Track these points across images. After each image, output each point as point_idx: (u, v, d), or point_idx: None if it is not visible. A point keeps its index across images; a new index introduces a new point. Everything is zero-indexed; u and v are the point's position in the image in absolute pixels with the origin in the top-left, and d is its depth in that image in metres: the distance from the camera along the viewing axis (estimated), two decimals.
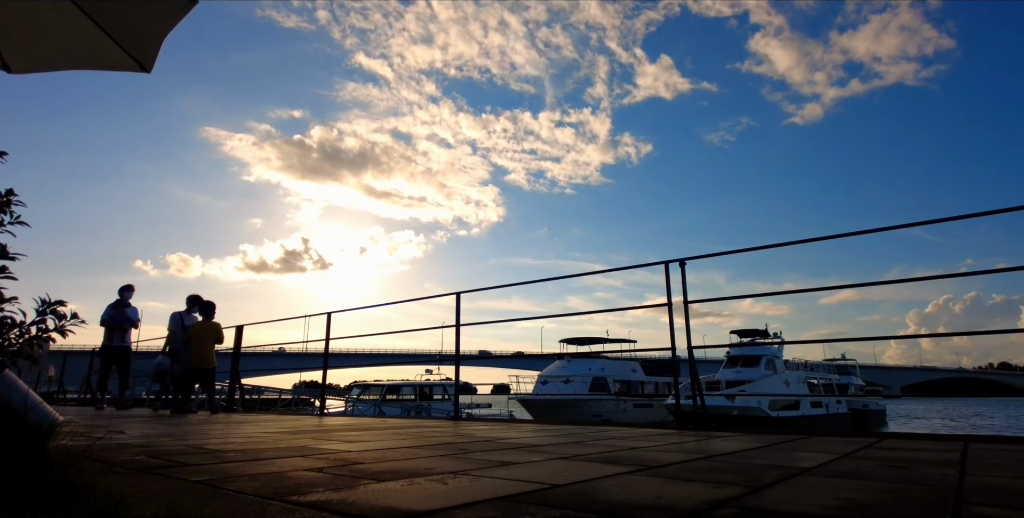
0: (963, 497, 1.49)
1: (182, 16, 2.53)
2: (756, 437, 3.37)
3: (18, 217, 1.72)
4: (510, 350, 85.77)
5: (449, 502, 1.40)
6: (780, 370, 26.72)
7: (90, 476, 1.40)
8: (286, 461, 2.23)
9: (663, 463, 2.20)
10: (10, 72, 2.73)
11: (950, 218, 3.82)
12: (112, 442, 2.97)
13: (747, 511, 1.31)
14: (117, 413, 7.31)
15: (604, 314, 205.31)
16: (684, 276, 4.47)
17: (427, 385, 25.35)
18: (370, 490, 1.57)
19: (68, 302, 1.77)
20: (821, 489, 1.61)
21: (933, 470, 1.98)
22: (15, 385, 1.98)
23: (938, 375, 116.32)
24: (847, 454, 2.47)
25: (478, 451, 2.64)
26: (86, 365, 13.17)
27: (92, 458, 1.72)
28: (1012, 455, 2.44)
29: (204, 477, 1.79)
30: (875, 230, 4.11)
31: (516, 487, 1.63)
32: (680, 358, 4.49)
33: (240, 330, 8.76)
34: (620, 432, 3.88)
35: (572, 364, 30.25)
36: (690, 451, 2.65)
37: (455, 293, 5.94)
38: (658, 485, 1.68)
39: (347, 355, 75.55)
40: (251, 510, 1.31)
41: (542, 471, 1.97)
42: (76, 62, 2.82)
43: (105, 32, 2.62)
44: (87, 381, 12.91)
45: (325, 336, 7.34)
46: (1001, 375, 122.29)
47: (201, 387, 7.93)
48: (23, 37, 2.68)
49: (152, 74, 2.81)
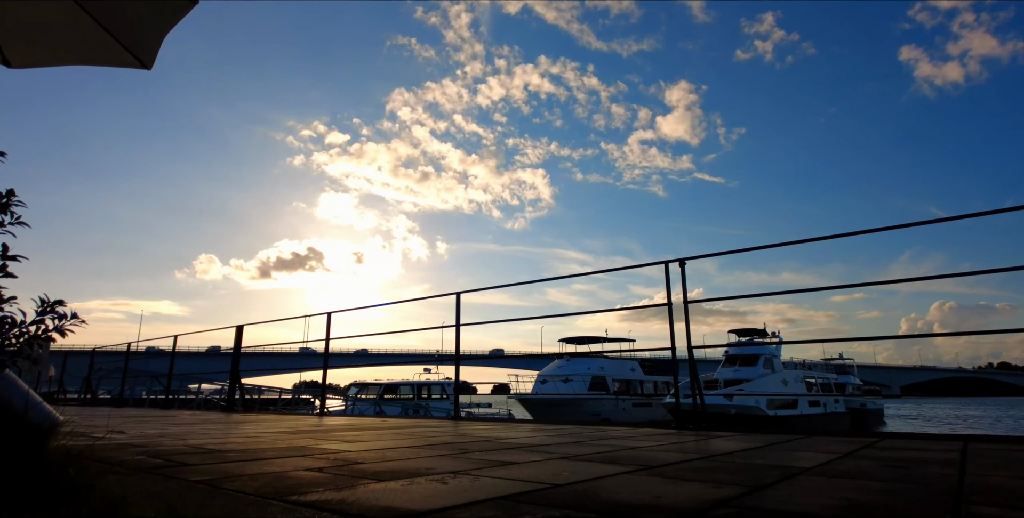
0: (963, 497, 1.49)
1: (182, 15, 2.54)
2: (756, 437, 3.38)
3: (18, 217, 1.72)
4: (510, 350, 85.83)
5: (449, 502, 1.40)
6: (778, 369, 26.77)
7: (90, 476, 1.40)
8: (286, 461, 2.23)
9: (663, 463, 2.20)
10: (10, 67, 2.74)
11: (949, 218, 3.83)
12: (112, 442, 2.97)
13: (747, 511, 1.31)
14: (114, 412, 7.31)
15: (598, 309, 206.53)
16: (684, 276, 4.47)
17: (425, 384, 25.35)
18: (370, 490, 1.57)
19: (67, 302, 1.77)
20: (821, 489, 1.61)
21: (933, 470, 1.98)
22: (15, 385, 1.98)
23: (938, 375, 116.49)
24: (847, 454, 2.47)
25: (478, 451, 2.64)
26: (86, 365, 13.18)
27: (92, 458, 1.72)
28: (1012, 455, 2.44)
29: (204, 477, 1.79)
30: (875, 230, 4.11)
31: (516, 487, 1.63)
32: (680, 358, 4.49)
33: (240, 330, 8.76)
34: (620, 432, 3.88)
35: (571, 363, 30.27)
36: (690, 451, 2.65)
37: (455, 293, 5.94)
38: (658, 485, 1.68)
39: (347, 355, 75.62)
40: (251, 510, 1.31)
41: (542, 471, 1.97)
42: (76, 58, 2.83)
43: (104, 28, 2.63)
44: (87, 381, 12.92)
45: (325, 336, 7.34)
46: (1001, 375, 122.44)
47: None
48: (23, 32, 2.68)
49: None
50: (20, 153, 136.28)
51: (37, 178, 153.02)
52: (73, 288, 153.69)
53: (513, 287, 6.55)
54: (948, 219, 3.81)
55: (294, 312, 37.41)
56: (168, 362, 10.50)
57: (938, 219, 3.80)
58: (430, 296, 6.72)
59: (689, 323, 4.39)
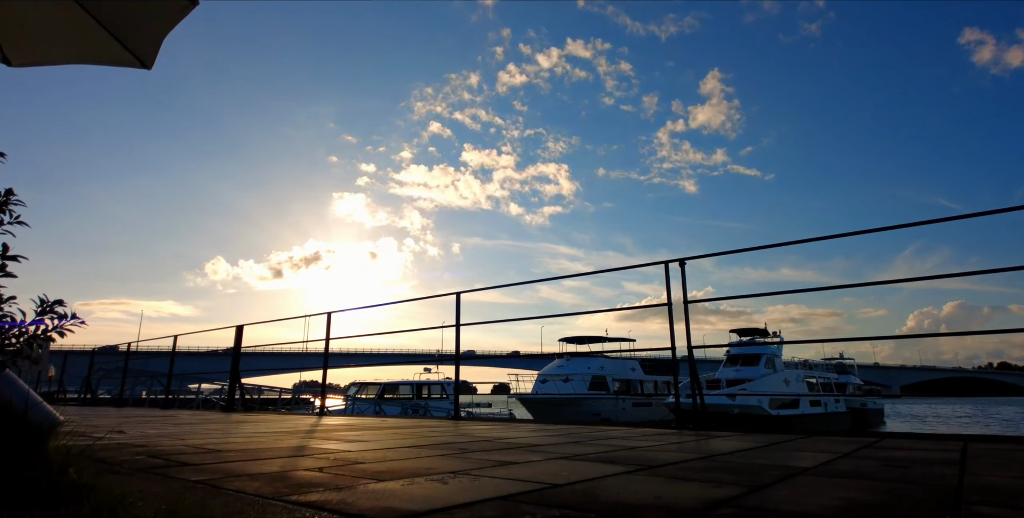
0: (963, 497, 1.49)
1: (183, 16, 2.55)
2: (756, 437, 3.38)
3: (17, 217, 1.72)
4: (507, 349, 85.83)
5: (449, 502, 1.40)
6: (779, 369, 26.79)
7: (90, 476, 1.40)
8: (286, 461, 2.23)
9: (663, 463, 2.20)
10: (10, 65, 2.74)
11: (951, 218, 3.82)
12: (112, 442, 2.97)
13: (747, 511, 1.31)
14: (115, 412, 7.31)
15: (592, 306, 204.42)
16: (684, 276, 4.47)
17: (425, 384, 25.36)
18: (370, 490, 1.57)
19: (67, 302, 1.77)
20: (821, 489, 1.61)
21: (933, 470, 1.98)
22: (15, 385, 1.98)
23: (938, 375, 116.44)
24: (847, 454, 2.47)
25: (478, 451, 2.64)
26: (86, 365, 13.18)
27: (92, 458, 1.72)
28: (1012, 455, 2.44)
29: (204, 477, 1.79)
30: (873, 230, 4.11)
31: (516, 487, 1.63)
32: (680, 358, 4.49)
33: (240, 330, 8.76)
34: (620, 432, 3.88)
35: (571, 363, 30.30)
36: (690, 451, 2.65)
37: (455, 293, 5.94)
38: (658, 485, 1.68)
39: (347, 355, 75.64)
40: (251, 510, 1.31)
41: (542, 471, 1.97)
42: (76, 57, 2.84)
43: (105, 28, 2.63)
44: (87, 381, 12.92)
45: (325, 336, 7.34)
46: (1001, 375, 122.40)
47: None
48: (23, 31, 2.69)
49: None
50: (20, 153, 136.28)
51: (37, 178, 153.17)
52: (75, 288, 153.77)
53: (520, 291, 6.55)
54: (951, 218, 3.81)
55: (304, 313, 37.31)
56: (168, 362, 10.50)
57: (941, 219, 3.80)
58: (430, 296, 6.74)
59: (689, 323, 4.40)
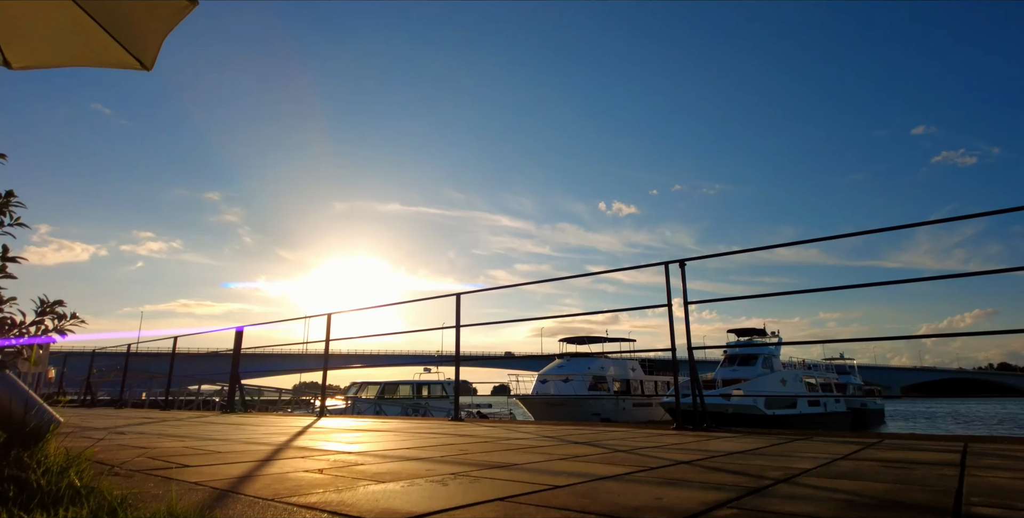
0: (963, 497, 1.49)
1: (182, 17, 2.54)
2: (756, 437, 3.38)
3: (18, 219, 1.72)
4: (502, 350, 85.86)
5: (449, 503, 1.40)
6: (777, 369, 26.78)
7: (90, 477, 1.40)
8: (286, 462, 2.23)
9: (663, 463, 2.20)
10: (10, 68, 2.74)
11: (955, 218, 3.82)
12: (112, 443, 2.97)
13: (747, 512, 1.31)
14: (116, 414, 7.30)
15: (601, 306, 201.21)
16: (684, 277, 4.47)
17: (425, 383, 25.35)
18: (370, 491, 1.57)
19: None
20: (821, 490, 1.61)
21: (933, 470, 1.98)
22: (15, 386, 1.98)
23: (938, 376, 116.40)
24: (847, 455, 2.47)
25: (478, 452, 2.64)
26: (86, 366, 13.18)
27: (92, 459, 1.72)
28: (1012, 455, 2.44)
29: (203, 478, 1.79)
30: (874, 230, 4.11)
31: (516, 488, 1.63)
32: (680, 358, 4.49)
33: (240, 332, 8.75)
34: (620, 432, 3.88)
35: (571, 363, 30.27)
36: (690, 451, 2.65)
37: (455, 294, 5.95)
38: (658, 485, 1.68)
39: (347, 356, 75.62)
40: (251, 511, 1.31)
41: (542, 472, 1.97)
42: (76, 59, 2.84)
43: (105, 30, 2.63)
44: (87, 382, 12.92)
45: (325, 337, 7.33)
46: (1001, 376, 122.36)
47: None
48: (24, 34, 2.69)
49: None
50: (21, 154, 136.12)
51: (38, 178, 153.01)
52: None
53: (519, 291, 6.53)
54: (957, 218, 3.81)
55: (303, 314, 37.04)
56: (168, 363, 10.50)
57: (946, 219, 3.80)
58: (431, 297, 6.72)
59: (689, 323, 4.40)
